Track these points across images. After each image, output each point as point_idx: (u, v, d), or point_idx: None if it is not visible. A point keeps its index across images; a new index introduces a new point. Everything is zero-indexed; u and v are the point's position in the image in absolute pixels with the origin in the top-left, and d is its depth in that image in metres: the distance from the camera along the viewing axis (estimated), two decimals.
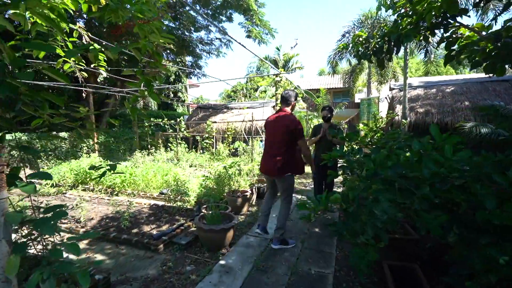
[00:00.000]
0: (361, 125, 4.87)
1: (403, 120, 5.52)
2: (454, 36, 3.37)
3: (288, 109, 3.11)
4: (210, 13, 12.36)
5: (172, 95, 22.77)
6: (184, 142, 9.52)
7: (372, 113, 8.95)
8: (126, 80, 9.85)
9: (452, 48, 2.98)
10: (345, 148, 2.38)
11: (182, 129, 8.90)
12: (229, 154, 9.42)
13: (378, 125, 4.79)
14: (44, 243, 1.68)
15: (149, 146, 9.49)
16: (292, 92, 3.17)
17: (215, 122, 10.12)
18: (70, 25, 1.63)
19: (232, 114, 13.96)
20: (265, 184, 5.40)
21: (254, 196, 5.03)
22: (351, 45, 4.28)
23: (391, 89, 7.91)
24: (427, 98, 6.83)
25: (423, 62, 10.84)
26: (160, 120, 9.14)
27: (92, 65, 2.15)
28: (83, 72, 3.63)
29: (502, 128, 4.89)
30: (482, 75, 7.41)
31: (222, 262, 2.78)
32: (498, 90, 6.38)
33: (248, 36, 12.66)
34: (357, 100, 21.52)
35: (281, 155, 2.93)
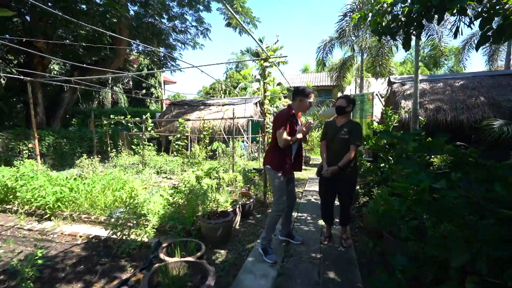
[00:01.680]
0: (375, 124, 3.80)
1: (420, 118, 4.56)
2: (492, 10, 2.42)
3: (293, 104, 2.84)
4: (186, 0, 10.88)
5: (144, 91, 20.82)
6: (153, 144, 8.04)
7: (366, 110, 8.02)
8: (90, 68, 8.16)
9: (488, 26, 2.26)
10: None
11: (149, 128, 7.42)
12: (206, 157, 8.10)
13: (390, 124, 3.74)
14: None
15: (109, 148, 7.90)
16: (301, 88, 2.82)
17: (189, 120, 8.71)
18: None
19: (210, 111, 12.58)
20: (251, 200, 4.18)
21: (238, 218, 3.80)
22: (370, 15, 3.19)
23: (390, 83, 7.02)
24: (434, 93, 5.98)
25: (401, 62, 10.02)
26: (122, 117, 7.57)
27: None
28: None
29: None
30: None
31: None
32: None
33: (228, 24, 11.35)
34: None
35: (270, 148, 2.94)
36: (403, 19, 2.95)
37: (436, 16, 2.67)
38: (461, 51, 12.48)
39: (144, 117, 7.29)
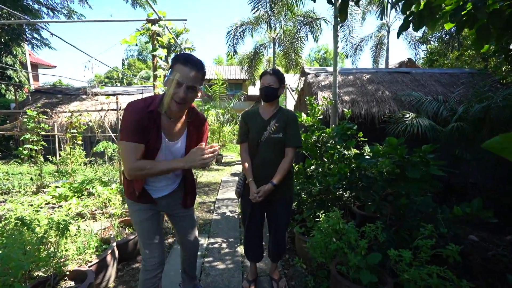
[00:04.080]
0: (304, 116, 3.00)
1: (345, 110, 4.12)
2: None
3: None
4: None
5: None
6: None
7: (279, 103, 7.54)
8: None
9: (408, 11, 2.16)
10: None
11: None
12: (89, 163, 5.93)
13: (316, 116, 3.06)
14: None
15: None
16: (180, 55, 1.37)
17: (55, 112, 6.17)
18: None
19: (97, 102, 9.82)
20: (132, 237, 2.70)
21: (113, 270, 2.32)
22: None
23: (304, 73, 6.69)
24: (347, 85, 5.91)
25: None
26: None
27: None
28: None
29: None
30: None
31: None
32: (406, 81, 6.16)
33: None
34: (251, 93, 20.86)
35: None
36: None
37: None
38: (354, 53, 13.98)
39: None
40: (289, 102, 15.19)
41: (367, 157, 2.29)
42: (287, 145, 1.86)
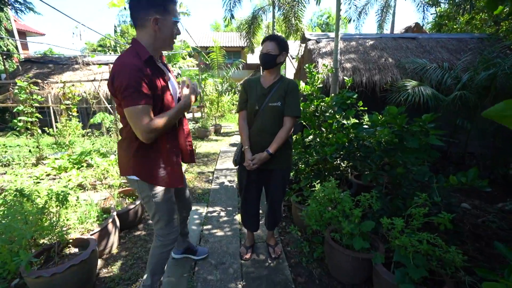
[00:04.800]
0: (302, 85, 2.90)
1: (345, 78, 3.97)
2: None
3: (142, 35, 1.32)
4: None
5: None
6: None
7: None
8: None
9: None
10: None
11: None
12: (87, 135, 5.89)
13: (315, 84, 2.95)
14: None
15: None
16: None
17: (47, 83, 5.98)
18: None
19: (90, 72, 9.52)
20: (132, 207, 2.76)
21: (115, 237, 2.40)
22: None
23: (305, 40, 6.36)
24: (349, 52, 5.65)
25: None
26: None
27: None
28: None
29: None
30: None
31: None
32: (411, 48, 5.89)
33: None
34: (250, 61, 20.12)
35: (124, 142, 1.42)
36: None
37: None
38: (358, 17, 13.21)
39: None
40: (289, 70, 14.71)
41: (365, 126, 2.25)
42: (285, 114, 1.81)
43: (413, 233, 1.49)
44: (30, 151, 4.61)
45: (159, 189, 1.47)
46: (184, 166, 4.80)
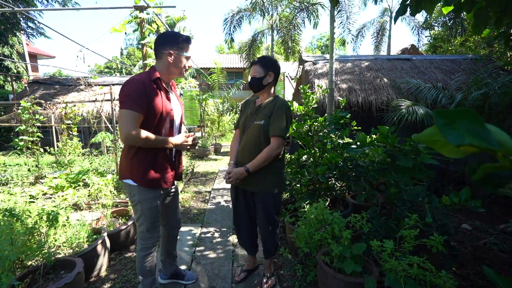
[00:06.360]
0: (295, 105, 2.96)
1: (339, 98, 4.05)
2: None
3: (158, 64, 1.61)
4: None
5: None
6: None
7: (278, 91, 7.43)
8: None
9: None
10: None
11: None
12: (88, 153, 5.93)
13: (310, 105, 3.01)
14: None
15: None
16: (169, 33, 1.64)
17: (50, 103, 6.14)
18: None
19: (94, 93, 9.76)
20: (124, 227, 2.73)
21: (104, 259, 2.35)
22: None
23: (302, 61, 6.55)
24: (345, 72, 5.79)
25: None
26: None
27: None
28: None
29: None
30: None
31: None
32: (405, 68, 6.02)
33: None
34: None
35: (124, 148, 1.64)
36: None
37: None
38: (355, 39, 13.64)
39: None
40: (288, 90, 15.00)
41: (353, 146, 2.26)
42: (269, 133, 1.79)
43: (403, 257, 1.44)
44: (29, 169, 4.64)
45: (148, 196, 1.59)
46: (181, 186, 4.78)
